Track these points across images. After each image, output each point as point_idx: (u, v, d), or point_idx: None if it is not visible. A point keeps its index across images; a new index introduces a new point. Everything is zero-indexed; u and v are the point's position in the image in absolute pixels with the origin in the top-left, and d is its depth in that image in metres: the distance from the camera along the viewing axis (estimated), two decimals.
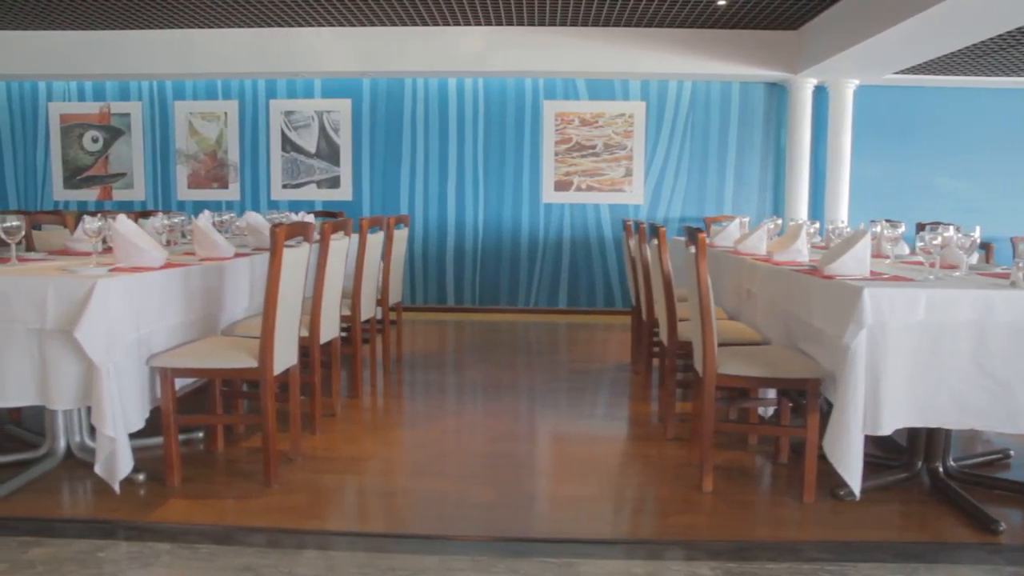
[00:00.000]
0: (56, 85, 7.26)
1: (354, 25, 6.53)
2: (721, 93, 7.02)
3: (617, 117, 7.02)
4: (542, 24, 6.47)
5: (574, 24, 6.47)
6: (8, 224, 3.08)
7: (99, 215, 3.89)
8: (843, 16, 5.68)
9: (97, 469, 2.69)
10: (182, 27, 6.62)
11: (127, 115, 7.21)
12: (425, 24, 6.50)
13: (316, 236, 3.40)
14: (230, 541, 2.53)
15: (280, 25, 6.54)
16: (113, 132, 7.24)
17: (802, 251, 3.63)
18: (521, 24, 6.48)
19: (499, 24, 6.49)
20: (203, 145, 7.18)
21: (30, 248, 4.41)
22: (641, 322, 4.90)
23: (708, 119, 7.04)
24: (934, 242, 2.85)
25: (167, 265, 3.10)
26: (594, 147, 7.05)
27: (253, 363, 2.91)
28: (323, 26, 6.57)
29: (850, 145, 6.78)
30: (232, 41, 6.71)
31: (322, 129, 7.10)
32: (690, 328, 3.51)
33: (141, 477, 2.99)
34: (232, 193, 7.20)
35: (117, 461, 2.63)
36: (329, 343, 3.81)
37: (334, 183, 7.14)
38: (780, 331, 3.41)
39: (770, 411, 3.83)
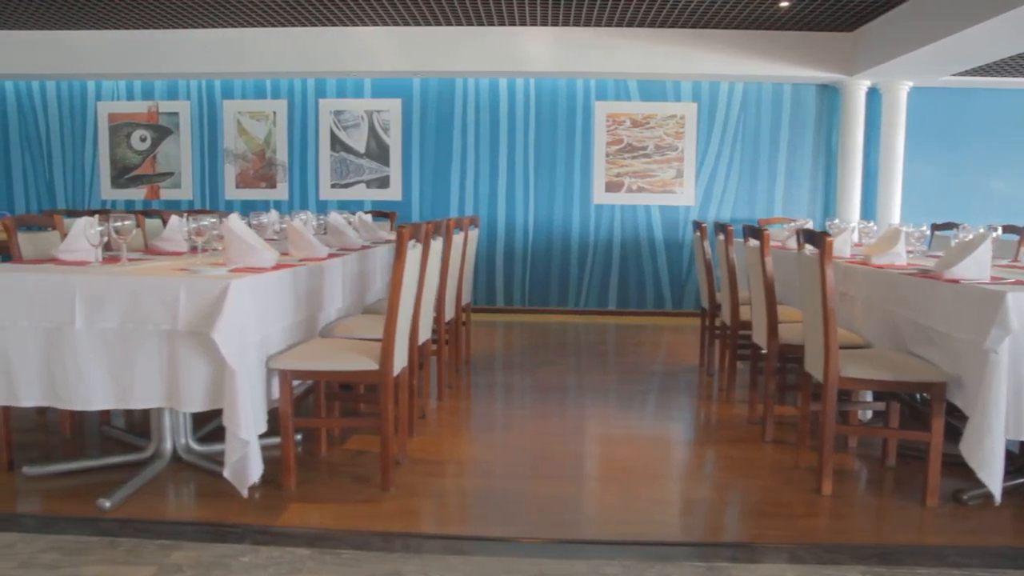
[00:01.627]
0: (105, 84, 7.22)
1: (406, 24, 6.50)
2: (772, 94, 6.99)
3: (668, 118, 6.99)
4: (595, 25, 6.44)
5: (627, 25, 6.44)
6: (119, 224, 3.05)
7: (185, 215, 3.86)
8: (907, 18, 5.65)
9: (226, 473, 2.66)
10: (232, 26, 6.59)
11: (175, 114, 7.18)
12: (477, 24, 6.47)
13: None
14: (370, 547, 2.50)
15: (331, 24, 6.51)
16: (161, 131, 7.21)
17: (901, 254, 3.60)
18: (574, 25, 6.45)
19: (552, 25, 6.46)
20: (251, 144, 7.15)
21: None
22: (714, 324, 4.91)
23: (759, 120, 7.02)
24: None
25: (278, 266, 3.07)
26: (645, 148, 7.03)
27: (374, 365, 2.88)
28: (375, 25, 6.54)
29: (903, 147, 6.75)
30: (282, 40, 6.67)
31: (372, 129, 7.07)
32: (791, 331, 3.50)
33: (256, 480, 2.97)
34: (280, 193, 7.17)
35: (248, 465, 2.60)
36: (422, 345, 3.78)
37: (383, 183, 7.11)
38: (884, 334, 3.39)
39: (868, 414, 3.81)
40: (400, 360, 3.05)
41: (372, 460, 3.30)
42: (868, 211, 6.89)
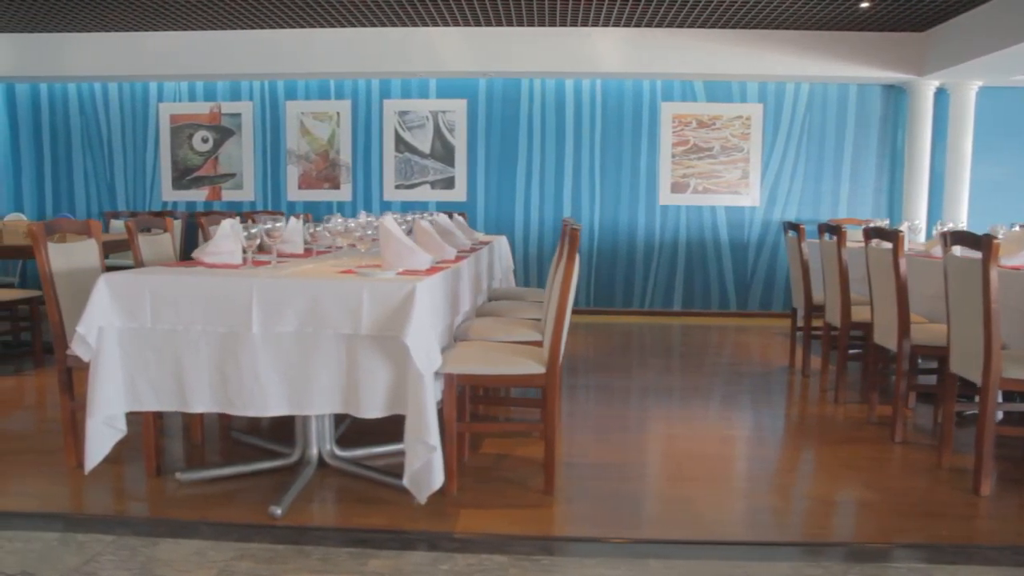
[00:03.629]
0: (167, 86, 7.18)
1: (476, 24, 6.47)
2: (837, 95, 6.98)
3: (734, 119, 6.97)
4: (665, 26, 6.42)
5: (697, 26, 6.42)
6: (271, 226, 3.01)
7: (300, 217, 3.83)
8: (984, 19, 5.63)
9: (405, 480, 2.62)
10: (295, 27, 6.55)
11: (238, 115, 7.13)
12: (549, 25, 6.44)
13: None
14: (563, 552, 2.47)
15: (397, 24, 6.47)
16: (223, 132, 7.16)
17: None
18: (640, 26, 6.43)
19: (618, 25, 6.43)
20: (315, 145, 7.11)
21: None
22: (810, 325, 4.89)
23: (824, 121, 7.00)
24: None
25: (432, 269, 3.03)
26: (711, 149, 7.00)
27: (541, 369, 2.85)
28: (442, 26, 6.51)
29: (971, 147, 6.74)
30: (347, 41, 6.64)
31: (436, 129, 7.03)
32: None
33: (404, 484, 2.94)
34: (343, 194, 7.13)
35: (432, 472, 2.56)
36: None
37: (448, 184, 7.07)
38: (1018, 335, 3.37)
39: (1000, 415, 3.79)
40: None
41: (517, 464, 3.28)
42: (934, 211, 6.87)
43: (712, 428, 3.94)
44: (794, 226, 4.98)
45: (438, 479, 2.57)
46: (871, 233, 3.85)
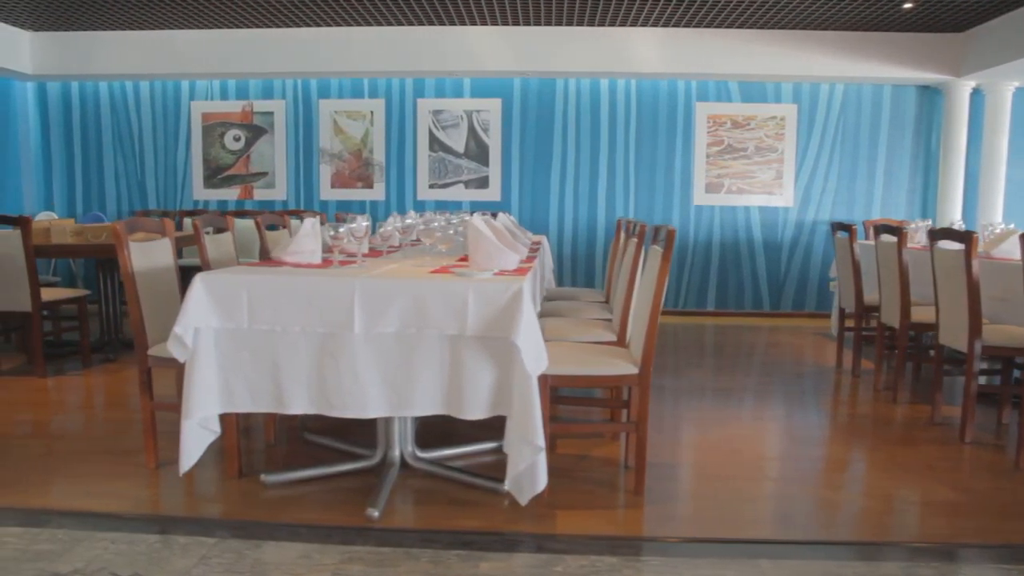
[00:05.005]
0: (199, 84, 7.13)
1: (515, 24, 6.45)
2: (872, 96, 6.98)
3: (769, 120, 6.97)
4: (700, 26, 6.41)
5: (737, 27, 6.41)
6: (357, 224, 2.99)
7: (359, 217, 3.79)
8: None
9: (507, 483, 2.60)
10: (329, 25, 6.52)
11: (270, 114, 7.10)
12: (581, 24, 6.42)
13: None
14: (669, 553, 2.45)
15: (433, 24, 6.44)
16: (255, 131, 7.12)
17: None
18: (678, 26, 6.42)
19: (656, 25, 6.42)
20: (348, 144, 7.08)
21: (264, 250, 4.30)
22: (860, 325, 4.90)
23: (858, 122, 7.01)
24: None
25: (520, 269, 3.01)
26: (745, 149, 7.00)
27: (634, 369, 2.84)
28: (478, 25, 6.48)
29: (1007, 148, 6.75)
30: (381, 39, 6.61)
31: (471, 129, 7.01)
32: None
33: (505, 487, 2.92)
34: (376, 193, 7.10)
35: (537, 474, 2.54)
36: None
37: (482, 183, 7.05)
38: None
39: None
40: None
41: (597, 465, 3.27)
42: (969, 211, 6.89)
43: (779, 428, 3.94)
44: (844, 226, 4.98)
45: (542, 481, 2.55)
46: (937, 234, 3.85)
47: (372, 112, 7.04)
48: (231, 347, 2.64)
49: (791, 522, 2.76)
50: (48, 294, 4.71)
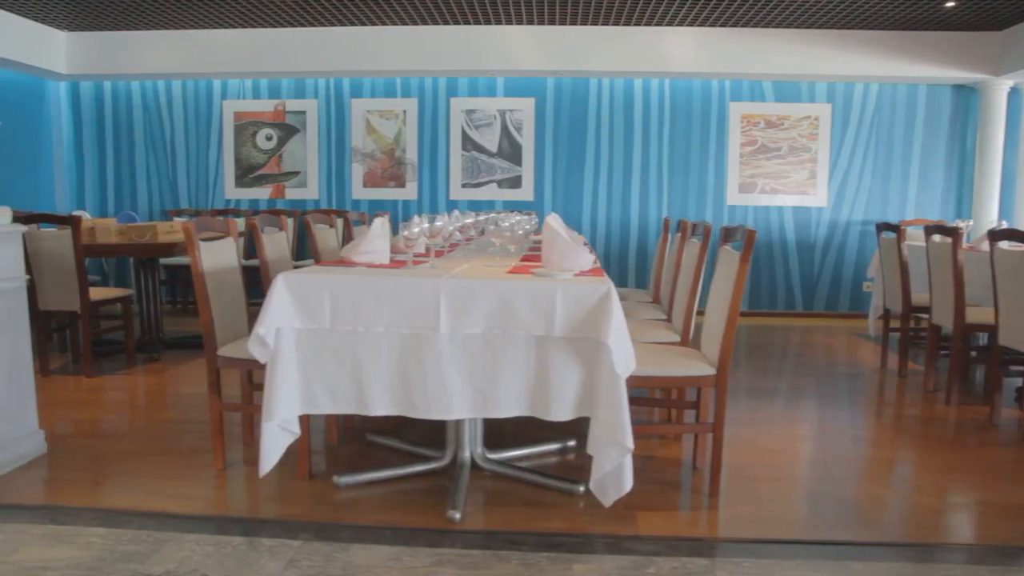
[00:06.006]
0: (231, 83, 7.12)
1: (544, 23, 6.43)
2: (907, 95, 6.96)
3: (803, 119, 6.95)
4: (737, 25, 6.39)
5: (774, 26, 6.39)
6: (429, 225, 2.97)
7: (423, 217, 3.77)
8: None
9: (592, 485, 2.57)
10: (360, 24, 6.50)
11: (302, 113, 7.08)
12: (616, 24, 6.41)
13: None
14: (760, 554, 2.44)
15: (466, 22, 6.43)
16: (287, 130, 7.11)
17: None
18: (715, 25, 6.40)
19: (692, 25, 6.40)
20: (380, 143, 7.06)
21: (315, 250, 4.29)
22: (907, 325, 4.88)
23: (893, 121, 6.98)
24: None
25: (594, 270, 3.00)
26: (779, 149, 6.98)
27: (711, 370, 2.82)
28: (510, 24, 6.47)
29: None
30: (414, 38, 6.59)
31: (504, 128, 6.99)
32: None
33: (581, 489, 2.91)
34: (409, 192, 7.09)
35: (623, 476, 2.51)
36: None
37: (515, 183, 7.04)
38: None
39: None
40: None
41: (664, 465, 3.26)
42: (1006, 211, 6.86)
43: (837, 429, 3.91)
44: (892, 227, 4.95)
45: (628, 483, 2.52)
46: (999, 235, 3.83)
47: (405, 111, 7.02)
48: (312, 348, 2.62)
49: (871, 524, 2.74)
50: (95, 294, 4.70)
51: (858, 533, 2.67)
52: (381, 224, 3.12)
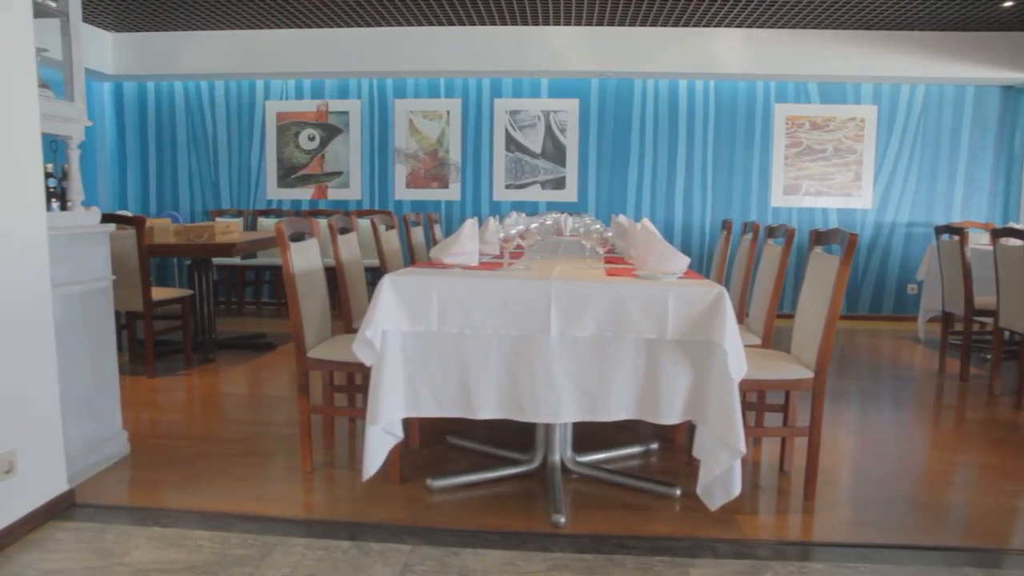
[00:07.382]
0: (273, 83, 7.12)
1: (591, 24, 6.41)
2: (954, 96, 6.91)
3: (848, 121, 6.91)
4: (786, 27, 6.36)
5: (822, 28, 6.36)
6: (522, 227, 2.96)
7: (497, 218, 3.75)
8: None
9: (699, 490, 2.56)
10: (404, 25, 6.49)
11: (345, 113, 7.08)
12: (664, 25, 6.38)
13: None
14: (873, 559, 2.41)
15: (512, 23, 6.41)
16: (330, 130, 7.10)
17: None
18: (757, 27, 6.37)
19: (735, 26, 6.38)
20: (424, 144, 7.05)
21: (381, 252, 4.28)
22: (970, 329, 4.84)
23: (940, 123, 6.94)
24: None
25: (689, 273, 2.97)
26: (824, 151, 6.95)
27: (809, 373, 2.80)
28: (557, 25, 6.45)
29: None
30: (458, 39, 6.58)
31: (548, 129, 6.98)
32: None
33: (678, 492, 2.89)
34: (452, 193, 7.07)
35: (732, 479, 2.50)
36: None
37: (559, 184, 7.02)
38: None
39: None
40: None
41: (751, 469, 3.23)
42: None
43: (911, 432, 3.89)
44: (954, 230, 4.92)
45: (737, 487, 2.51)
46: None
47: (448, 112, 7.01)
48: (419, 350, 2.61)
49: (974, 528, 2.72)
50: (156, 294, 4.69)
51: (966, 539, 2.65)
52: (471, 225, 3.10)
